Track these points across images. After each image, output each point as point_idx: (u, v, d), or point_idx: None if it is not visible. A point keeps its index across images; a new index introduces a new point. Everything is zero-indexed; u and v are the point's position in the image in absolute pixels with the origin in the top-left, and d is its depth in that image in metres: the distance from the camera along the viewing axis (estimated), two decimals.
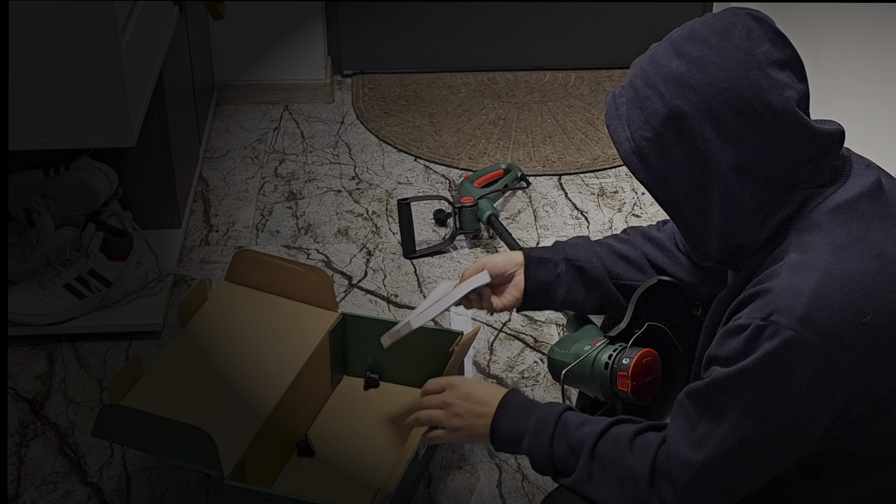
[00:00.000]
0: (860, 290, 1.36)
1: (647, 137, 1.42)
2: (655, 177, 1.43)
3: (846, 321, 1.35)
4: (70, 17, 2.11)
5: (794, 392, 1.37)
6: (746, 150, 1.37)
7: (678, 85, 1.38)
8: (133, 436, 1.91)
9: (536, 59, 3.70)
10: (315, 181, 3.12)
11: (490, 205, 2.83)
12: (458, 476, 2.16)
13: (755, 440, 1.41)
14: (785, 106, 1.37)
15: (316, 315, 2.21)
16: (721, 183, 1.40)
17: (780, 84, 1.37)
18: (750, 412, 1.39)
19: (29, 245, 2.53)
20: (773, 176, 1.39)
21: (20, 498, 2.11)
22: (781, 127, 1.37)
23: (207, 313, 2.19)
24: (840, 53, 2.84)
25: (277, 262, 2.25)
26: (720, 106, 1.36)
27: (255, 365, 2.08)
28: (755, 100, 1.36)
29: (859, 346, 1.36)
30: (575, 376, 1.85)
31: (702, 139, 1.38)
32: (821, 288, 1.35)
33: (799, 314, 1.34)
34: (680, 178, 1.42)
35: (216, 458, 1.83)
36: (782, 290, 1.37)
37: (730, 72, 1.37)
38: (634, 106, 1.44)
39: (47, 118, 2.20)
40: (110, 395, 1.97)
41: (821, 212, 1.40)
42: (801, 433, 1.41)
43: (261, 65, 3.48)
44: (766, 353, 1.36)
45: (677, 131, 1.39)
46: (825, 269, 1.36)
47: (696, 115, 1.37)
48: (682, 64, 1.39)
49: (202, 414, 1.94)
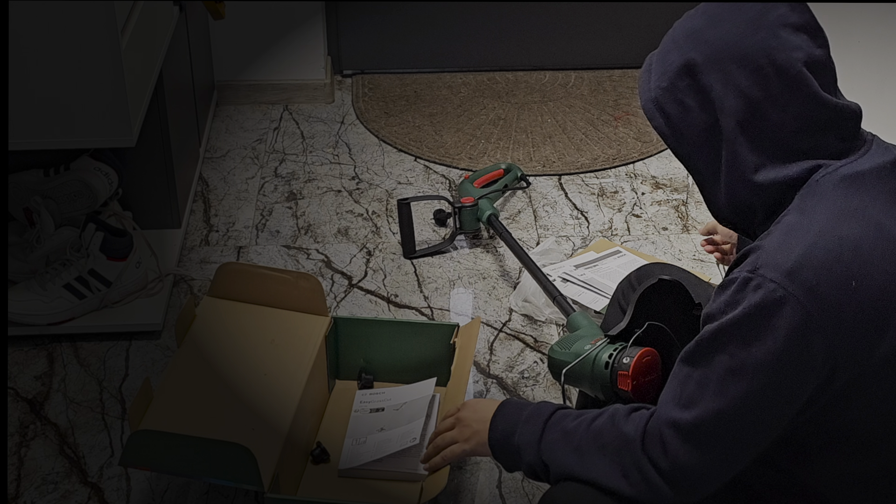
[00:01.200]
0: (850, 255, 1.37)
1: (664, 87, 1.48)
2: (670, 125, 1.48)
3: (833, 282, 1.36)
4: (70, 17, 2.11)
5: (777, 347, 1.38)
6: (748, 103, 1.41)
7: (694, 39, 1.45)
8: (165, 460, 1.86)
9: (536, 59, 3.70)
10: (315, 181, 3.12)
11: (490, 205, 2.82)
12: (458, 476, 2.16)
13: (742, 399, 1.41)
14: (791, 65, 1.40)
15: (308, 322, 2.21)
16: (727, 135, 1.44)
17: (789, 45, 1.41)
18: (735, 369, 1.40)
19: (29, 245, 2.53)
20: (775, 136, 1.42)
21: (20, 498, 2.11)
22: (784, 86, 1.40)
23: (200, 331, 2.17)
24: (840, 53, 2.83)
25: (264, 271, 2.23)
26: (727, 59, 1.42)
27: (266, 377, 2.07)
28: (761, 56, 1.40)
29: (844, 310, 1.37)
30: (575, 375, 1.85)
31: (710, 89, 1.43)
32: (811, 247, 1.37)
33: (785, 269, 1.36)
34: (692, 128, 1.47)
35: (256, 473, 1.80)
36: (773, 247, 1.39)
37: (740, 28, 1.42)
38: (659, 60, 1.50)
39: (47, 118, 2.20)
40: (130, 424, 1.93)
41: (827, 180, 1.42)
42: (786, 394, 1.41)
43: (261, 65, 3.48)
44: (750, 304, 1.38)
45: (689, 80, 1.45)
46: (819, 231, 1.38)
47: (706, 65, 1.43)
48: (702, 20, 1.46)
49: (227, 430, 1.92)
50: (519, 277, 2.68)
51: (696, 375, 1.44)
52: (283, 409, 2.01)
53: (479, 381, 2.40)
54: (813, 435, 1.47)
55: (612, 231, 2.90)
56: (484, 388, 2.37)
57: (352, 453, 2.08)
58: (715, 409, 1.42)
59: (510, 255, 2.73)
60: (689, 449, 1.44)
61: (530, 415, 1.63)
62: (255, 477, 1.81)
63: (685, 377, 1.46)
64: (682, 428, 1.44)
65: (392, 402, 2.17)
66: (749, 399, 1.41)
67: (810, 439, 1.47)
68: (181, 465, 1.86)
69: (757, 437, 1.45)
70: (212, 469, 1.84)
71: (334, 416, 2.20)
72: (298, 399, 2.03)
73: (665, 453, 1.46)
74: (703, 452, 1.44)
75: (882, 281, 1.38)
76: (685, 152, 1.49)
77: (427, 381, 2.18)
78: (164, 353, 2.46)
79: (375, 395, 2.20)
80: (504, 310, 2.61)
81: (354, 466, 2.05)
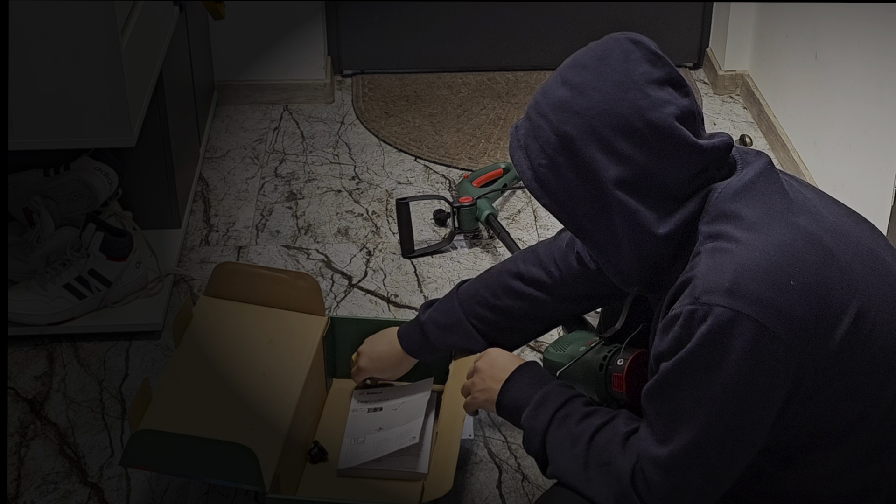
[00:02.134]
0: (780, 257, 1.39)
1: (545, 164, 1.48)
2: (558, 202, 1.49)
3: (773, 286, 1.37)
4: (70, 17, 2.11)
5: (739, 367, 1.38)
6: (633, 167, 1.43)
7: (564, 111, 1.45)
8: (166, 460, 1.86)
9: (536, 59, 3.70)
10: (315, 181, 3.12)
11: (489, 204, 2.82)
12: (458, 476, 2.15)
13: (716, 425, 1.41)
14: (665, 122, 1.42)
15: (306, 321, 2.21)
16: (618, 202, 1.44)
17: (659, 101, 1.43)
18: (702, 399, 1.41)
19: (29, 245, 2.53)
20: (665, 190, 1.44)
21: (20, 498, 2.11)
22: (663, 142, 1.42)
23: (197, 331, 2.16)
24: (840, 53, 2.84)
25: (261, 271, 2.23)
26: (603, 127, 1.43)
27: (264, 377, 2.07)
28: (635, 118, 1.42)
29: (791, 309, 1.38)
30: (570, 377, 1.85)
31: (590, 160, 1.44)
32: (742, 262, 1.39)
33: (724, 288, 1.37)
34: (579, 201, 1.47)
35: (258, 474, 1.80)
36: (704, 273, 1.40)
37: (609, 94, 1.43)
38: (531, 136, 1.50)
39: (47, 118, 2.20)
40: (131, 425, 1.93)
41: (723, 200, 1.44)
42: (758, 409, 1.41)
43: (261, 65, 3.48)
44: (701, 334, 1.38)
45: (568, 155, 1.45)
46: (743, 245, 1.40)
47: (583, 137, 1.44)
48: (567, 91, 1.46)
49: (227, 430, 1.91)
50: None
51: (664, 412, 1.45)
52: (283, 408, 2.01)
53: None
54: (793, 439, 1.47)
55: None
56: None
57: (351, 453, 2.08)
58: (689, 441, 1.43)
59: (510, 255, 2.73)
60: (672, 483, 1.45)
61: (542, 399, 1.65)
62: (257, 477, 1.81)
63: (655, 415, 1.46)
64: (661, 463, 1.45)
65: (390, 401, 2.17)
66: (721, 423, 1.41)
67: (791, 443, 1.48)
68: (182, 466, 1.86)
69: (737, 457, 1.45)
70: (213, 469, 1.84)
71: (332, 416, 2.20)
72: (297, 399, 2.03)
73: (650, 490, 1.47)
74: (684, 483, 1.45)
75: (815, 272, 1.40)
76: (577, 225, 1.50)
77: (424, 381, 2.18)
78: (164, 353, 2.46)
79: (373, 395, 2.20)
80: None
81: (354, 466, 2.05)
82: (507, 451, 2.22)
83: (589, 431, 1.57)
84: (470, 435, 2.22)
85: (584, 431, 1.57)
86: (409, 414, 2.11)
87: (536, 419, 1.63)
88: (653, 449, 1.46)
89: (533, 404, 1.65)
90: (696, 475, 1.45)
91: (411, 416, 2.09)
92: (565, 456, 1.58)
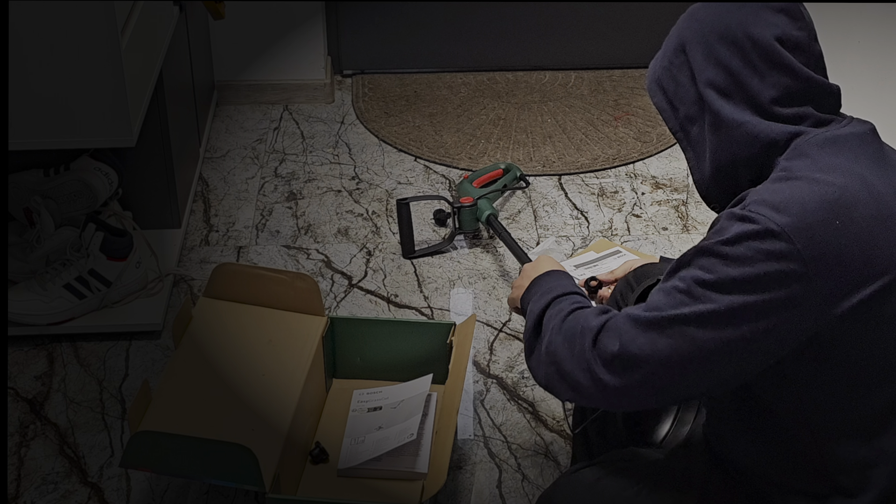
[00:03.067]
0: (835, 197, 1.42)
1: (664, 66, 1.60)
2: (669, 101, 1.59)
3: (818, 219, 1.40)
4: (70, 17, 2.11)
5: (753, 270, 1.39)
6: (726, 72, 1.52)
7: (689, 18, 1.59)
8: (166, 461, 1.86)
9: (536, 59, 3.70)
10: (315, 181, 3.12)
11: (489, 205, 2.82)
12: (457, 476, 2.16)
13: (708, 315, 1.42)
14: (764, 37, 1.51)
15: (306, 322, 2.21)
16: (709, 104, 1.53)
17: (766, 22, 1.52)
18: (706, 285, 1.42)
19: (29, 245, 2.53)
20: (754, 102, 1.51)
21: (20, 498, 2.11)
22: (759, 56, 1.51)
23: (197, 332, 2.16)
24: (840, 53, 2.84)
25: (261, 272, 2.23)
26: (710, 33, 1.54)
27: (264, 377, 2.07)
28: (738, 29, 1.52)
29: (826, 244, 1.40)
30: None
31: (694, 61, 1.55)
32: (797, 191, 1.43)
33: (773, 204, 1.42)
34: (684, 103, 1.57)
35: (258, 474, 1.81)
36: (759, 191, 1.46)
37: (727, 8, 1.55)
38: (665, 41, 1.63)
39: (47, 118, 2.20)
40: (130, 426, 1.93)
41: (809, 144, 1.48)
42: (750, 319, 1.41)
43: (261, 65, 3.48)
44: (734, 232, 1.42)
45: (682, 57, 1.57)
46: (805, 181, 1.44)
47: (693, 41, 1.56)
48: (698, 5, 1.59)
49: (227, 431, 1.92)
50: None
51: (667, 286, 1.47)
52: (283, 409, 2.01)
53: (479, 380, 2.40)
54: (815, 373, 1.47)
55: (612, 231, 2.90)
56: (484, 388, 2.38)
57: (351, 453, 2.08)
58: (674, 316, 1.43)
59: (510, 255, 2.73)
60: (635, 348, 1.45)
61: (547, 290, 1.68)
62: (257, 477, 1.81)
63: (659, 288, 1.49)
64: (640, 321, 1.46)
65: (389, 400, 2.17)
66: (714, 316, 1.42)
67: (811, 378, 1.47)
68: (183, 467, 1.86)
69: (713, 360, 1.43)
70: (213, 470, 1.84)
71: (332, 416, 2.20)
72: (297, 399, 2.03)
73: (619, 339, 1.46)
74: (646, 358, 1.44)
75: (865, 225, 1.42)
76: (679, 127, 1.59)
77: (423, 379, 2.19)
78: (164, 353, 2.46)
79: (373, 395, 2.20)
80: (504, 310, 2.61)
81: (353, 466, 2.05)
82: (507, 451, 2.22)
83: (573, 307, 1.59)
84: (470, 435, 2.23)
85: (569, 307, 1.60)
86: (407, 412, 2.11)
87: (536, 304, 1.66)
88: (637, 310, 1.48)
89: (538, 294, 1.69)
90: (661, 357, 1.44)
91: (410, 414, 2.10)
92: (550, 327, 1.59)
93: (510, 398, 2.35)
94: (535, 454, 2.21)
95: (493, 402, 2.34)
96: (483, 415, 2.30)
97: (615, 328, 1.48)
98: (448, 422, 1.96)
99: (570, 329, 1.55)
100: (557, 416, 2.30)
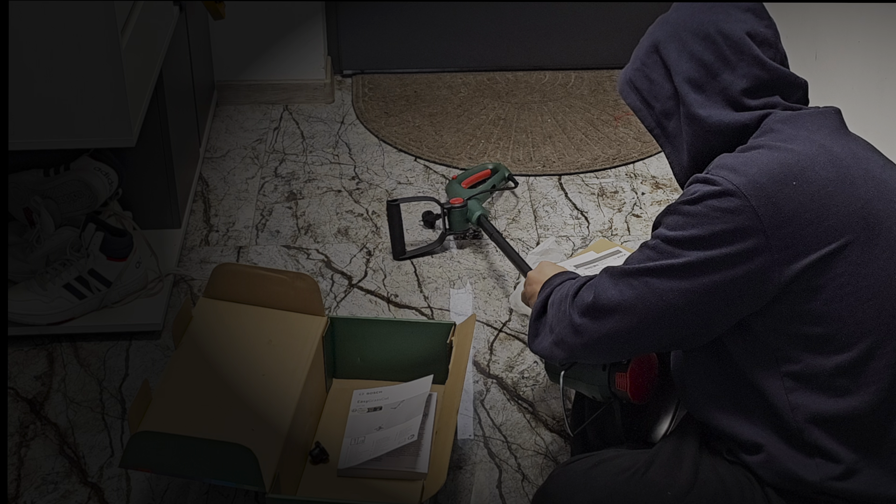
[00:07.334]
0: (793, 161, 1.52)
1: (636, 68, 1.71)
2: (643, 100, 1.69)
3: (774, 179, 1.50)
4: (70, 17, 2.11)
5: (713, 228, 1.50)
6: (700, 66, 1.62)
7: (661, 22, 1.70)
8: (166, 461, 1.86)
9: (536, 59, 3.70)
10: (315, 181, 3.12)
11: (479, 205, 2.82)
12: (457, 476, 2.16)
13: (671, 270, 1.54)
14: (735, 32, 1.61)
15: (306, 322, 2.21)
16: (683, 96, 1.63)
17: (736, 18, 1.62)
18: (673, 240, 1.54)
19: (29, 245, 2.53)
20: (725, 93, 1.61)
21: (20, 498, 2.11)
22: (731, 49, 1.60)
23: (197, 332, 2.16)
24: (840, 53, 2.84)
25: (261, 272, 2.23)
26: (683, 31, 1.65)
27: (264, 377, 2.07)
28: (711, 26, 1.62)
29: (781, 203, 1.49)
30: (574, 377, 1.85)
31: (667, 58, 1.65)
32: (757, 156, 1.53)
33: (731, 167, 1.53)
34: (659, 99, 1.67)
35: (258, 474, 1.81)
36: (723, 158, 1.57)
37: (697, 8, 1.66)
38: (636, 48, 1.74)
39: (47, 118, 2.20)
40: (130, 426, 1.93)
41: (774, 120, 1.59)
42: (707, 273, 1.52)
43: (261, 65, 3.48)
44: (696, 192, 1.54)
45: (655, 57, 1.68)
46: (766, 149, 1.55)
47: (666, 40, 1.66)
48: (671, 10, 1.71)
49: (227, 431, 1.92)
50: (518, 278, 2.69)
51: (641, 245, 1.60)
52: (283, 409, 2.01)
53: (479, 381, 2.40)
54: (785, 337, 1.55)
55: (612, 231, 2.90)
56: (484, 388, 2.38)
57: (351, 453, 2.08)
58: (642, 266, 1.57)
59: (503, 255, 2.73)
60: (614, 292, 1.59)
61: (549, 282, 1.82)
62: (257, 477, 1.81)
63: (639, 249, 1.62)
64: (615, 273, 1.61)
65: (389, 400, 2.17)
66: (677, 270, 1.53)
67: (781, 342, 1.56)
68: (183, 467, 1.86)
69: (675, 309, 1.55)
70: (213, 470, 1.84)
71: (332, 416, 2.20)
72: (297, 399, 2.03)
73: (594, 290, 1.62)
74: (621, 297, 1.58)
75: (822, 186, 1.51)
76: (655, 123, 1.68)
77: (423, 379, 2.19)
78: (164, 353, 2.46)
79: (373, 395, 2.20)
80: (504, 310, 2.61)
81: (353, 466, 2.05)
82: (507, 451, 2.22)
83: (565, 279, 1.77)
84: (470, 435, 2.23)
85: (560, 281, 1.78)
86: (408, 412, 2.11)
87: (540, 294, 1.80)
88: (614, 266, 1.63)
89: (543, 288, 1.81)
90: (628, 304, 1.57)
91: (410, 415, 2.10)
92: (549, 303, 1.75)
93: (510, 398, 2.35)
94: (535, 454, 2.21)
95: (493, 402, 2.34)
96: (483, 415, 2.30)
97: (592, 283, 1.64)
98: (448, 422, 1.96)
99: (558, 297, 1.70)
100: (557, 416, 2.30)
